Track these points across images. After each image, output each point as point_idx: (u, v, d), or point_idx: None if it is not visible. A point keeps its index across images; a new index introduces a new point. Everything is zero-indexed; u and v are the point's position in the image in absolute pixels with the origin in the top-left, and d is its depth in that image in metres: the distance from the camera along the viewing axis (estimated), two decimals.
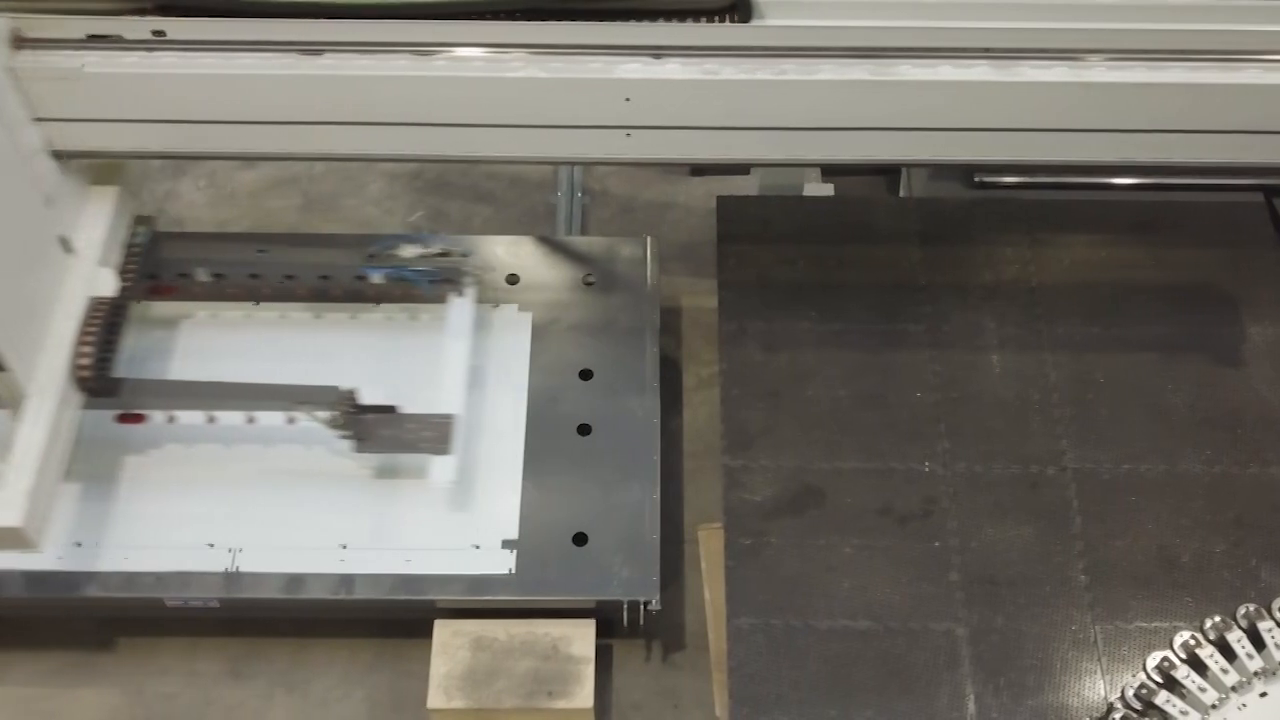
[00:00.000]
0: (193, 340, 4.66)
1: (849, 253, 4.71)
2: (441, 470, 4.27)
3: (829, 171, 4.93)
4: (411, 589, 4.12)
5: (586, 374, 4.60)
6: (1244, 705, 3.61)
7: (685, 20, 3.92)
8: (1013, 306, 4.55)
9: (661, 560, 4.19)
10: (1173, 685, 3.67)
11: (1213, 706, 3.61)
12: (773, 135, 4.06)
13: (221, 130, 4.08)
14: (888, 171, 5.30)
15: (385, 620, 4.34)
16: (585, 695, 4.04)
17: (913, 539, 4.06)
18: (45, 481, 3.93)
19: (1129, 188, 4.93)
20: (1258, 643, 3.71)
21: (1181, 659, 3.70)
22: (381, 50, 3.92)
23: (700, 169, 5.26)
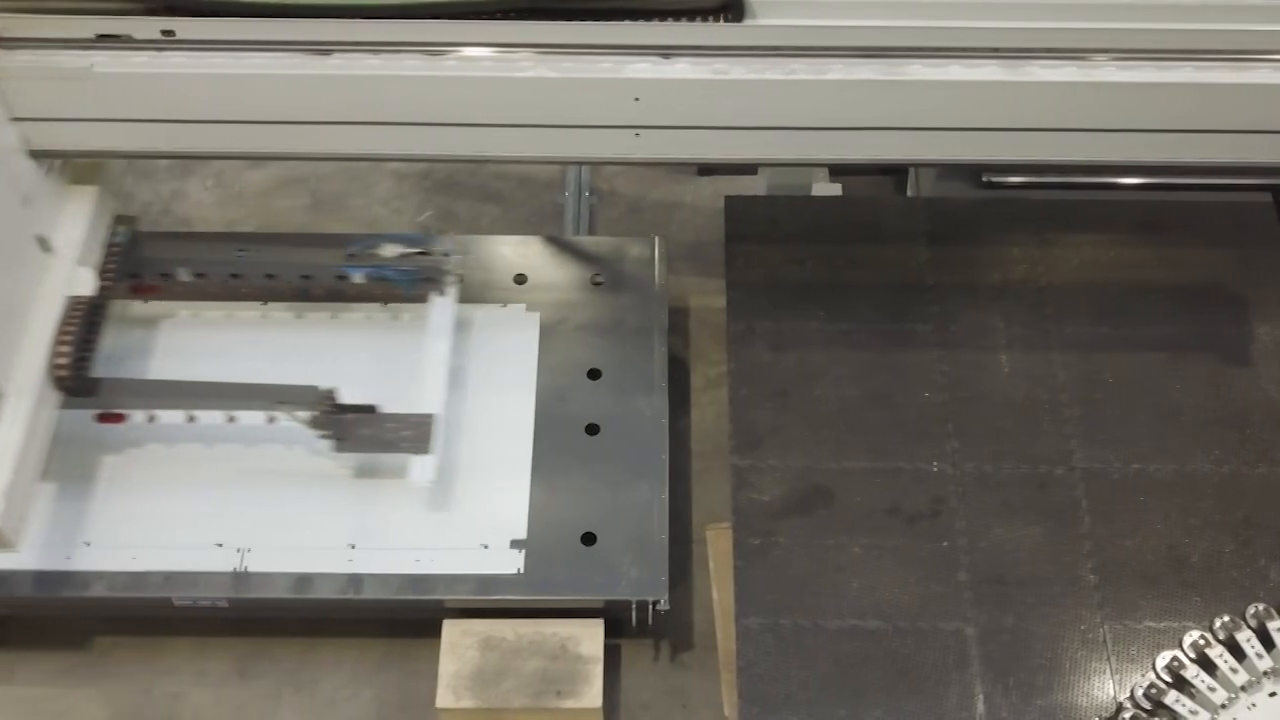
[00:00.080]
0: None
1: (857, 252, 4.71)
2: (421, 470, 4.24)
3: (837, 171, 4.93)
4: (420, 589, 4.12)
5: (595, 374, 4.60)
6: (1254, 705, 3.61)
7: (680, 20, 3.91)
8: (1021, 306, 4.55)
9: (670, 560, 4.20)
10: (1182, 685, 3.67)
11: (1222, 706, 3.61)
12: (781, 135, 4.06)
13: (230, 130, 4.09)
14: (895, 171, 5.30)
15: (393, 620, 4.34)
16: (594, 695, 4.04)
17: (921, 539, 4.06)
18: (22, 481, 3.93)
19: (1137, 188, 4.92)
20: (1267, 642, 3.71)
21: (1191, 658, 3.69)
22: (390, 50, 3.92)
23: (708, 169, 5.26)
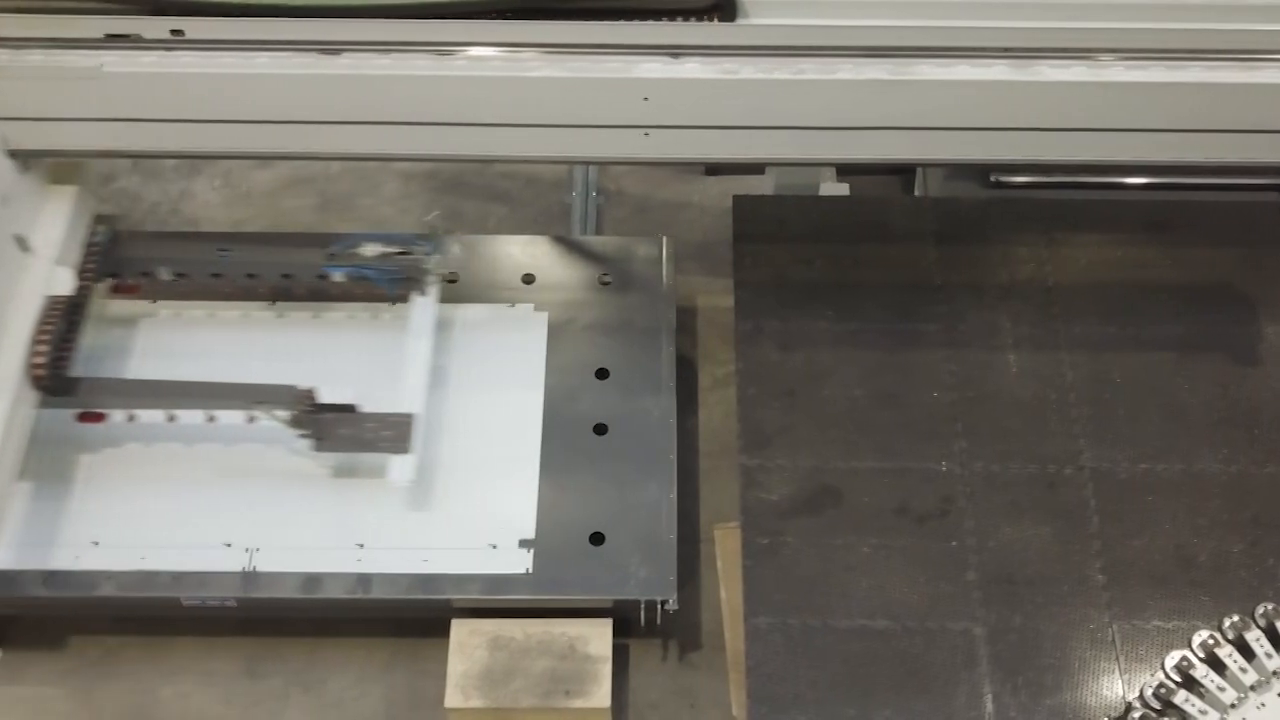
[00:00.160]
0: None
1: (865, 252, 4.71)
2: (400, 469, 4.24)
3: (845, 171, 4.93)
4: (428, 588, 4.12)
5: (603, 373, 4.60)
6: (1263, 704, 3.60)
7: (675, 20, 3.91)
8: (1029, 306, 4.55)
9: (678, 560, 4.19)
10: (1191, 684, 3.66)
11: (1231, 706, 3.60)
12: (790, 135, 4.07)
13: (239, 130, 4.10)
14: (903, 171, 5.29)
15: (402, 619, 4.34)
16: (602, 695, 4.04)
17: (930, 538, 4.06)
18: None
19: (1145, 187, 4.93)
20: (1276, 642, 3.70)
21: (1200, 658, 3.68)
22: (399, 50, 3.93)
23: (716, 168, 5.27)
